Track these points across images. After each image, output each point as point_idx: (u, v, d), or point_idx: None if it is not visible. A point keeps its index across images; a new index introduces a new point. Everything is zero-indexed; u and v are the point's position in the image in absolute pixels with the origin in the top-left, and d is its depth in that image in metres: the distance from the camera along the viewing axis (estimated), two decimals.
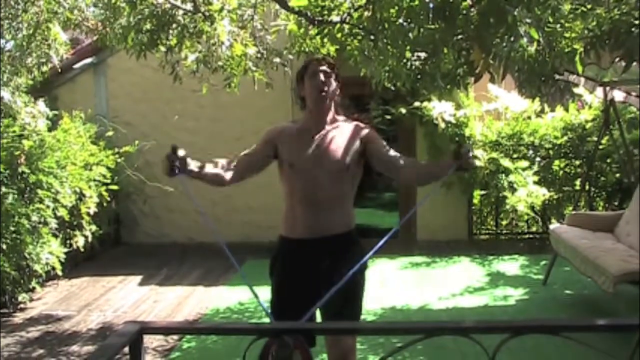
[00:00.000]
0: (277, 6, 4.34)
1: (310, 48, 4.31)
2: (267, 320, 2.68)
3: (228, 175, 2.95)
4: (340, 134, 2.95)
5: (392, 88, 3.91)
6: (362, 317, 3.11)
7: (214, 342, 4.61)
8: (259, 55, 4.69)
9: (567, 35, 2.94)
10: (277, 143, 3.01)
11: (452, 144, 7.35)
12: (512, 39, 2.63)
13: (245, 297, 5.68)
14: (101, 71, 8.10)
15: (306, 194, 2.87)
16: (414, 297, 5.73)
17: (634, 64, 2.90)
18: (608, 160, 7.49)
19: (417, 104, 7.30)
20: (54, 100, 7.73)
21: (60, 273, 5.78)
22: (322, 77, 2.90)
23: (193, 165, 2.74)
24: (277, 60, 4.75)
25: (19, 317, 5.39)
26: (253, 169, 3.06)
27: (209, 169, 2.89)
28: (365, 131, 3.00)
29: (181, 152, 2.67)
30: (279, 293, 2.97)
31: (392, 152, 2.98)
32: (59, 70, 6.50)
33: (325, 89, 2.90)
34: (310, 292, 2.55)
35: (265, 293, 2.98)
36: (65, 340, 4.84)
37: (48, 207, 5.61)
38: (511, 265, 6.78)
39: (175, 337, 4.71)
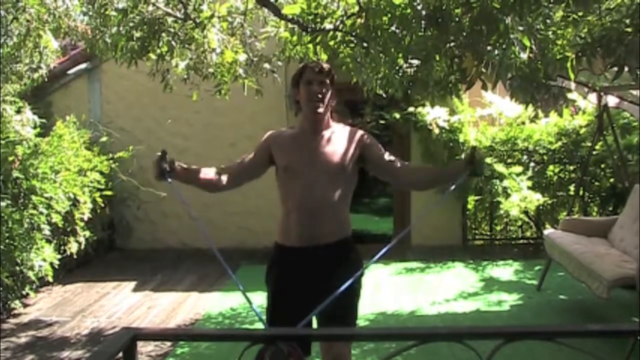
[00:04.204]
0: (267, 13, 4.35)
1: (300, 54, 4.32)
2: (260, 326, 2.69)
3: (223, 180, 2.97)
4: (335, 138, 2.95)
5: (384, 95, 3.93)
6: (356, 322, 3.11)
7: (208, 347, 4.60)
8: (248, 62, 4.70)
9: (559, 42, 2.96)
10: (271, 148, 3.01)
11: (446, 150, 7.39)
12: (504, 46, 2.65)
13: (239, 303, 5.68)
14: (95, 77, 8.10)
15: (301, 198, 2.86)
16: (408, 303, 5.73)
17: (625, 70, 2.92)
18: (602, 166, 7.53)
19: (411, 109, 7.32)
20: (48, 106, 7.72)
21: (51, 280, 5.76)
22: (317, 84, 2.89)
23: (183, 170, 2.81)
24: (267, 66, 4.76)
25: (11, 323, 5.37)
26: (249, 174, 3.07)
27: (201, 174, 2.93)
28: (361, 135, 3.00)
29: (169, 157, 2.79)
30: (275, 301, 2.96)
31: (389, 156, 2.99)
32: (46, 80, 6.49)
33: (320, 96, 2.89)
34: (307, 300, 2.54)
35: (259, 299, 2.98)
36: (58, 346, 4.82)
37: (42, 213, 5.60)
38: (505, 271, 6.79)
39: (169, 342, 4.70)
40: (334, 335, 2.21)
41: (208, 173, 2.97)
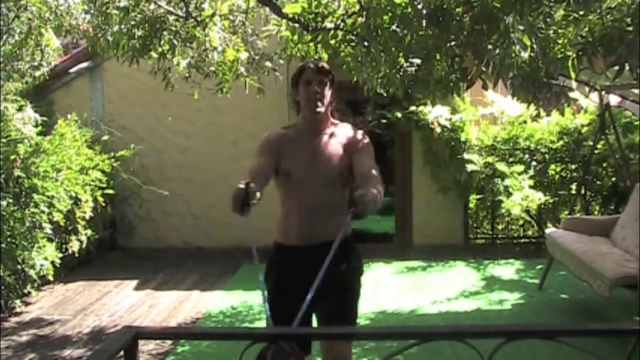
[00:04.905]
0: (268, 11, 4.35)
1: (301, 53, 4.31)
2: (261, 325, 2.69)
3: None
4: (335, 139, 2.93)
5: (385, 94, 3.93)
6: (357, 321, 3.11)
7: (209, 346, 4.61)
8: (250, 60, 4.70)
9: (560, 41, 2.95)
10: (280, 151, 2.93)
11: (448, 149, 7.40)
12: (504, 45, 2.64)
13: (240, 302, 5.69)
14: (97, 75, 8.10)
15: (302, 200, 2.85)
16: (409, 302, 5.73)
17: (626, 69, 2.92)
18: (604, 165, 7.52)
19: (412, 108, 7.32)
20: (50, 104, 7.72)
21: (53, 278, 5.77)
22: (316, 84, 2.87)
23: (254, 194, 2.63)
24: (268, 64, 4.76)
25: (13, 322, 5.37)
26: (268, 181, 2.97)
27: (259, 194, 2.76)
28: (358, 139, 2.96)
29: (254, 187, 2.59)
30: (274, 300, 2.95)
31: (364, 169, 2.82)
32: (48, 78, 6.50)
33: (319, 96, 2.87)
34: (306, 297, 2.54)
35: (260, 297, 2.98)
36: (59, 345, 4.83)
37: (43, 211, 5.60)
38: (507, 270, 6.79)
39: (170, 341, 4.70)
40: (334, 334, 2.21)
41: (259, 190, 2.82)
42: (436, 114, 7.32)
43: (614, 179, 7.53)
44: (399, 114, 7.37)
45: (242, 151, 7.50)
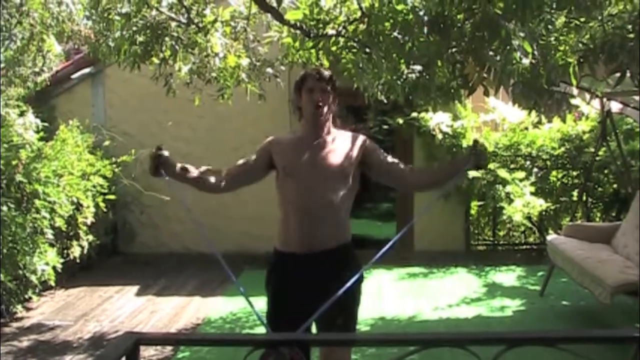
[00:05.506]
0: (269, 17, 4.35)
1: (302, 59, 4.32)
2: (261, 330, 2.69)
3: (221, 182, 2.96)
4: (336, 143, 2.95)
5: (386, 101, 3.93)
6: (357, 327, 3.11)
7: (209, 352, 4.60)
8: (251, 66, 4.70)
9: (561, 48, 2.96)
10: (271, 153, 3.00)
11: (449, 155, 7.39)
12: (505, 52, 2.64)
13: (240, 308, 5.68)
14: (99, 81, 8.11)
15: (300, 201, 2.85)
16: (411, 308, 5.73)
17: (627, 76, 2.92)
18: (605, 171, 7.51)
19: (414, 114, 7.32)
20: (52, 110, 7.73)
21: (54, 284, 5.76)
22: (319, 91, 2.89)
23: (179, 167, 2.85)
24: (270, 71, 4.77)
25: (14, 327, 5.37)
26: (247, 178, 3.06)
27: (198, 173, 2.91)
28: (363, 140, 3.00)
29: (166, 153, 2.83)
30: (275, 307, 2.96)
31: (393, 160, 3.01)
32: (49, 84, 6.52)
33: (322, 103, 2.89)
34: (307, 305, 2.54)
35: (262, 303, 2.98)
36: (60, 351, 4.82)
37: (45, 217, 5.61)
38: (508, 276, 6.78)
39: (170, 347, 4.70)
40: (335, 340, 2.21)
41: (206, 174, 2.96)
42: (437, 120, 7.33)
43: (615, 185, 7.52)
44: (400, 121, 7.38)
45: (243, 157, 7.50)
